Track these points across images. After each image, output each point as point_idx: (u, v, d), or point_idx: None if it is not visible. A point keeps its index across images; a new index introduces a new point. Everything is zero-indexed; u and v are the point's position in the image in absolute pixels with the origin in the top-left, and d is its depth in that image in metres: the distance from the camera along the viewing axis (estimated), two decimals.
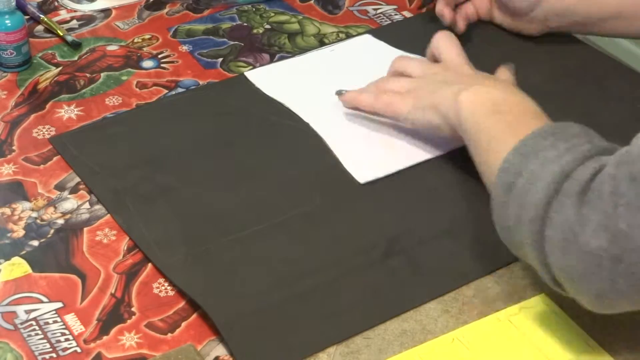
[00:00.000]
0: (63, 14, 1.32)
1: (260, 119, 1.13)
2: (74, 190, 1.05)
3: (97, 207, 1.03)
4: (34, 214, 1.02)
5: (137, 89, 1.19)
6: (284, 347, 0.88)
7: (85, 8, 1.33)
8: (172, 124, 1.13)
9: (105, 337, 0.90)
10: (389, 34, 1.27)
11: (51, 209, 1.02)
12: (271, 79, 1.20)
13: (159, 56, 1.25)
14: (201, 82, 1.21)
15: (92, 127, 1.13)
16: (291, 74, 1.21)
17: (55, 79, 1.21)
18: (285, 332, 0.90)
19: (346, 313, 0.91)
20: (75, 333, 0.90)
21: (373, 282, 0.94)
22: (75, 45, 1.26)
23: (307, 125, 1.12)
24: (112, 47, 1.26)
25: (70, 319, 0.91)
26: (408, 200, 1.03)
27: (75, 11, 1.33)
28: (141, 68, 1.23)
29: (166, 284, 0.95)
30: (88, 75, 1.21)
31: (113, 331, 0.90)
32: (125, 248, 0.98)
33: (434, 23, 1.25)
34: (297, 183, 1.04)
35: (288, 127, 1.12)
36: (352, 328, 0.90)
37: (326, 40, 1.28)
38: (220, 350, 0.89)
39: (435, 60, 1.13)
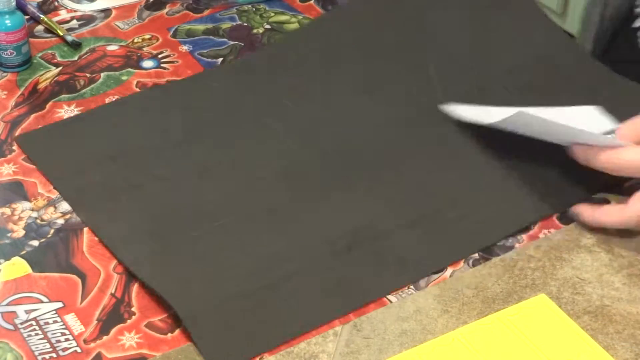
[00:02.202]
0: (63, 14, 1.32)
1: (228, 114, 1.13)
2: None
3: None
4: (34, 214, 1.02)
5: (137, 89, 1.19)
6: (248, 339, 0.89)
7: (85, 8, 1.33)
8: (139, 120, 1.13)
9: (105, 337, 0.90)
10: None
11: (51, 209, 1.02)
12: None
13: (159, 56, 1.25)
14: None
15: (58, 125, 1.13)
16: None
17: (55, 79, 1.21)
18: (248, 324, 0.90)
19: (308, 305, 0.92)
20: (75, 333, 0.90)
21: (335, 275, 0.95)
22: (75, 45, 1.26)
23: (274, 120, 1.12)
24: (112, 47, 1.26)
25: (70, 319, 0.91)
26: (374, 193, 1.03)
27: (75, 11, 1.33)
28: (141, 68, 1.23)
29: None
30: (88, 75, 1.21)
31: (113, 331, 0.90)
32: None
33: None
34: (263, 178, 1.05)
35: (257, 122, 1.12)
36: (315, 320, 0.91)
37: None
38: None
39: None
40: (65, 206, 1.03)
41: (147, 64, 1.23)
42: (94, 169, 1.06)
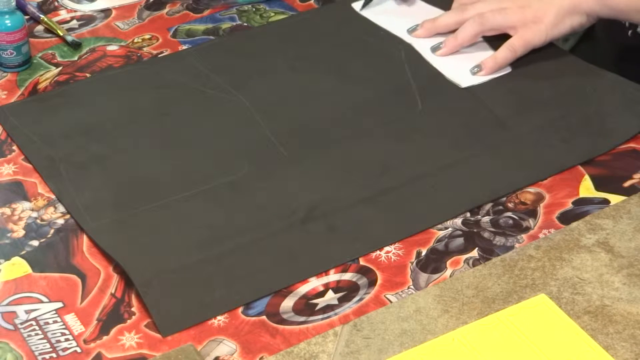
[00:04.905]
0: (63, 14, 1.32)
1: (197, 92, 1.17)
2: None
3: None
4: (34, 214, 1.02)
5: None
6: (199, 305, 0.92)
7: (85, 8, 1.33)
8: (110, 97, 1.17)
9: (105, 337, 0.90)
10: None
11: (51, 209, 1.02)
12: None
13: (159, 56, 1.25)
14: None
15: (33, 99, 1.17)
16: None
17: (55, 79, 1.21)
18: (200, 290, 0.93)
19: (261, 273, 0.95)
20: (75, 333, 0.90)
21: (289, 244, 0.98)
22: (75, 45, 1.26)
23: (241, 99, 1.15)
24: (112, 47, 1.26)
25: (70, 319, 0.91)
26: (331, 169, 1.07)
27: (75, 11, 1.33)
28: None
29: None
30: (88, 75, 1.21)
31: (113, 331, 0.90)
32: None
33: None
34: (227, 153, 1.09)
35: (223, 100, 1.16)
36: (266, 288, 0.94)
37: None
38: (220, 350, 0.89)
39: None
40: None
41: None
42: (65, 141, 1.10)
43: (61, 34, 1.27)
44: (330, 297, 0.94)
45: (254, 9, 1.33)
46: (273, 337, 0.90)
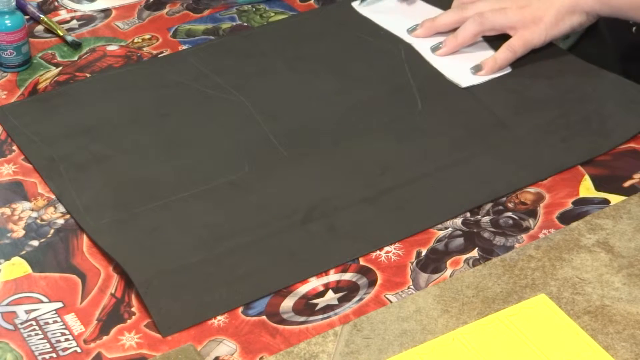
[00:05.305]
0: (63, 14, 1.32)
1: (197, 92, 1.17)
2: None
3: None
4: (34, 214, 1.02)
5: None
6: (199, 305, 0.92)
7: (85, 8, 1.33)
8: (110, 97, 1.17)
9: (105, 337, 0.90)
10: None
11: (51, 209, 1.02)
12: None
13: (159, 56, 1.25)
14: None
15: (33, 99, 1.17)
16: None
17: (55, 79, 1.21)
18: (200, 290, 0.93)
19: (261, 273, 0.95)
20: (75, 333, 0.90)
21: (289, 244, 0.98)
22: (75, 45, 1.26)
23: (241, 99, 1.15)
24: (112, 47, 1.26)
25: (70, 319, 0.91)
26: (331, 169, 1.07)
27: (75, 11, 1.33)
28: None
29: None
30: (88, 75, 1.21)
31: (113, 331, 0.90)
32: None
33: None
34: (227, 153, 1.09)
35: (224, 100, 1.16)
36: (266, 288, 0.94)
37: None
38: (220, 350, 0.89)
39: None
40: None
41: None
42: (65, 141, 1.10)
43: (61, 34, 1.27)
44: (330, 297, 0.94)
45: (254, 9, 1.33)
46: (273, 337, 0.90)
